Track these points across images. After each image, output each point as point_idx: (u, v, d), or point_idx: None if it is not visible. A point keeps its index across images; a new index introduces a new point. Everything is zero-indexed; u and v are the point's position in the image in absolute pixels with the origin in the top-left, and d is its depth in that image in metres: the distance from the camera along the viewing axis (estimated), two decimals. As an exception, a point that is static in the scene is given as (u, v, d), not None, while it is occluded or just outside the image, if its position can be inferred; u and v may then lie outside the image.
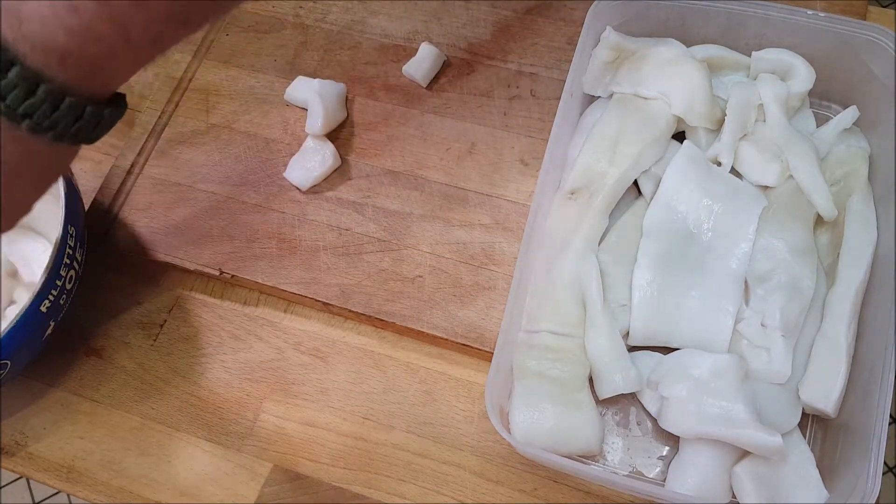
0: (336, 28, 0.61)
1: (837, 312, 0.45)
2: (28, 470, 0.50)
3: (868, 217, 0.47)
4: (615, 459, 0.46)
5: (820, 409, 0.43)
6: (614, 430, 0.46)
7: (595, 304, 0.46)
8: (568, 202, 0.48)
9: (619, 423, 0.46)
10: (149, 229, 0.54)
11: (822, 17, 0.48)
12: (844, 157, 0.49)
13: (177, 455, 0.49)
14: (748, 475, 0.42)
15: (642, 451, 0.46)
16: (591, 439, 0.44)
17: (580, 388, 0.45)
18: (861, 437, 0.41)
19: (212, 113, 0.58)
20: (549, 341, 0.45)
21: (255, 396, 0.50)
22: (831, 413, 0.43)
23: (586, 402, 0.44)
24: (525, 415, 0.43)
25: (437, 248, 0.52)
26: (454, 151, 0.55)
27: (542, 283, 0.47)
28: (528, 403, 0.44)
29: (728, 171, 0.49)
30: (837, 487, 0.41)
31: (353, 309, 0.50)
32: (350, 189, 0.54)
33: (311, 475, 0.48)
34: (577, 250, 0.47)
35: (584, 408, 0.44)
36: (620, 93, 0.51)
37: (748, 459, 0.43)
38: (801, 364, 0.45)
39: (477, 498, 0.46)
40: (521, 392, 0.44)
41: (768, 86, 0.49)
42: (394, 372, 0.50)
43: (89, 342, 0.53)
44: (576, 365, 0.45)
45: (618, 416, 0.47)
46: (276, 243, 0.53)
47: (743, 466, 0.42)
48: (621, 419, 0.47)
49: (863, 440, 0.40)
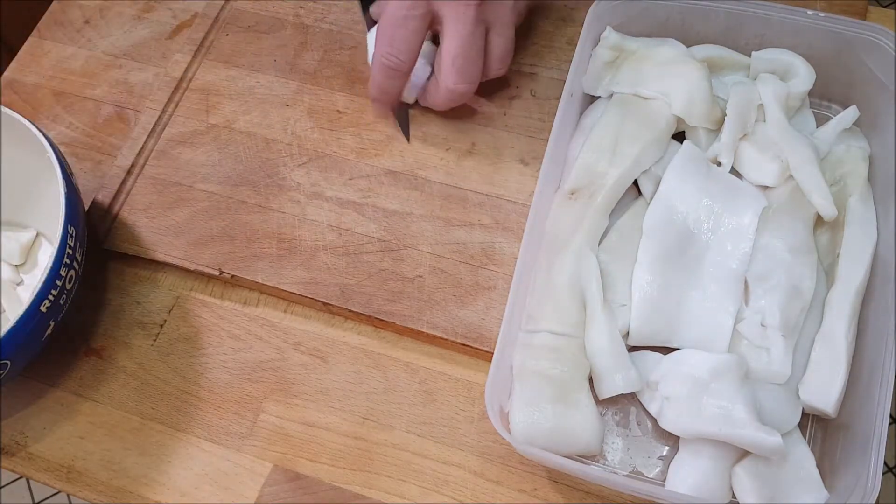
0: (336, 28, 0.61)
1: (837, 312, 0.45)
2: (28, 470, 0.50)
3: (868, 217, 0.47)
4: (615, 459, 0.46)
5: (820, 409, 0.43)
6: (614, 430, 0.46)
7: (595, 303, 0.46)
8: (568, 202, 0.48)
9: (619, 423, 0.47)
10: (149, 229, 0.54)
11: (822, 17, 0.48)
12: (844, 157, 0.49)
13: (177, 455, 0.49)
14: (748, 475, 0.42)
15: (642, 451, 0.46)
16: (591, 439, 0.44)
17: (580, 388, 0.45)
18: (861, 437, 0.41)
19: (212, 113, 0.58)
20: (549, 341, 0.45)
21: (255, 396, 0.50)
22: (831, 413, 0.43)
23: (586, 402, 0.44)
24: (525, 415, 0.43)
25: (437, 248, 0.52)
26: (454, 151, 0.55)
27: (541, 283, 0.47)
28: (527, 403, 0.44)
29: (728, 171, 0.49)
30: (837, 487, 0.41)
31: (353, 309, 0.50)
32: (350, 189, 0.54)
33: (311, 475, 0.48)
34: (577, 250, 0.47)
35: (583, 408, 0.44)
36: (620, 93, 0.51)
37: (748, 459, 0.43)
38: (800, 364, 0.45)
39: (477, 498, 0.46)
40: (520, 392, 0.44)
41: (768, 85, 0.49)
42: (394, 372, 0.50)
43: (89, 342, 0.53)
44: (575, 365, 0.45)
45: (618, 416, 0.47)
46: (276, 243, 0.53)
47: (743, 466, 0.42)
48: (621, 419, 0.47)
49: (863, 440, 0.40)
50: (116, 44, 0.63)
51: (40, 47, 0.64)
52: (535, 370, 0.45)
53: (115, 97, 0.61)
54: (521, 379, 0.45)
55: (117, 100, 0.61)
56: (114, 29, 0.64)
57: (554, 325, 0.46)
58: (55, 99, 0.61)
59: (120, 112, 0.60)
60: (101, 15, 0.65)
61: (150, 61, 0.62)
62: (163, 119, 0.58)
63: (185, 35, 0.62)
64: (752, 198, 0.48)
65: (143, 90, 0.61)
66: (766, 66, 0.50)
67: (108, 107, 0.61)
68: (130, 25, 0.64)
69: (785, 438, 0.42)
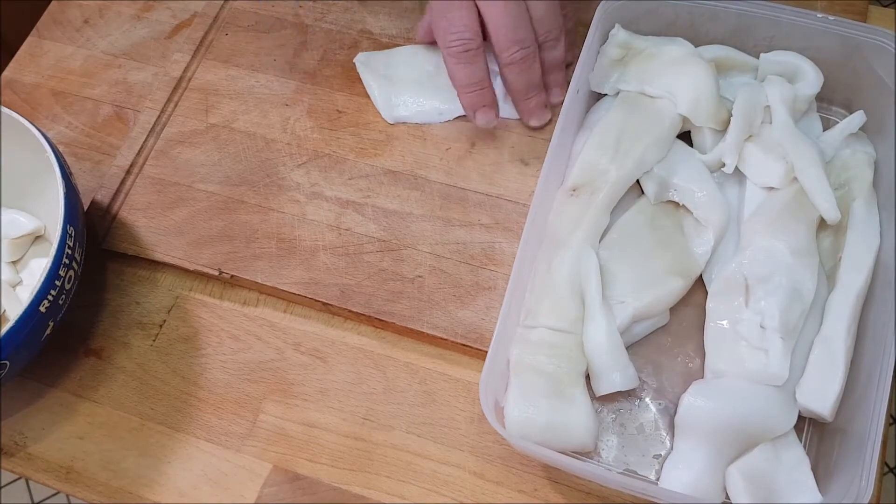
0: (336, 28, 0.61)
1: (837, 316, 0.45)
2: (27, 470, 0.50)
3: (871, 222, 0.47)
4: (609, 457, 0.46)
5: (816, 413, 0.43)
6: (610, 428, 0.46)
7: (594, 301, 0.46)
8: (570, 199, 0.48)
9: (615, 420, 0.47)
10: (148, 229, 0.54)
11: (831, 20, 0.48)
12: (849, 162, 0.49)
13: (176, 455, 0.49)
14: (742, 475, 0.42)
15: (637, 450, 0.46)
16: (586, 436, 0.44)
17: (576, 384, 0.45)
18: (857, 441, 0.41)
19: (211, 113, 0.58)
20: (547, 337, 0.45)
21: (255, 397, 0.50)
22: (828, 417, 0.43)
23: (581, 398, 0.44)
24: (520, 409, 0.43)
25: (436, 248, 0.52)
26: (454, 151, 0.55)
27: (541, 279, 0.47)
28: (523, 398, 0.44)
29: (731, 172, 0.49)
30: (832, 491, 0.41)
31: (352, 309, 0.50)
32: (350, 189, 0.54)
33: (310, 475, 0.48)
34: (577, 247, 0.47)
35: (579, 404, 0.44)
36: (627, 91, 0.51)
37: (743, 460, 0.43)
38: (799, 367, 0.45)
39: (476, 498, 0.46)
40: (516, 387, 0.44)
41: (775, 88, 0.49)
42: (394, 372, 0.50)
43: (88, 342, 0.53)
44: (572, 361, 0.45)
45: (613, 413, 0.47)
46: (276, 243, 0.53)
47: (737, 466, 0.42)
48: (617, 417, 0.47)
49: (858, 445, 0.40)
50: (115, 43, 0.63)
51: (39, 47, 0.64)
52: (531, 365, 0.45)
53: (114, 97, 0.61)
54: (517, 374, 0.45)
55: (116, 99, 0.61)
56: (113, 28, 0.64)
57: (552, 320, 0.46)
58: (54, 99, 0.61)
59: (119, 112, 0.60)
60: (100, 14, 0.65)
61: (150, 61, 0.62)
62: (162, 119, 0.58)
63: (184, 35, 0.62)
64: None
65: (143, 90, 0.61)
66: (775, 69, 0.50)
67: (108, 106, 0.61)
68: (129, 25, 0.64)
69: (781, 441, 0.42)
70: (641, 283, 0.47)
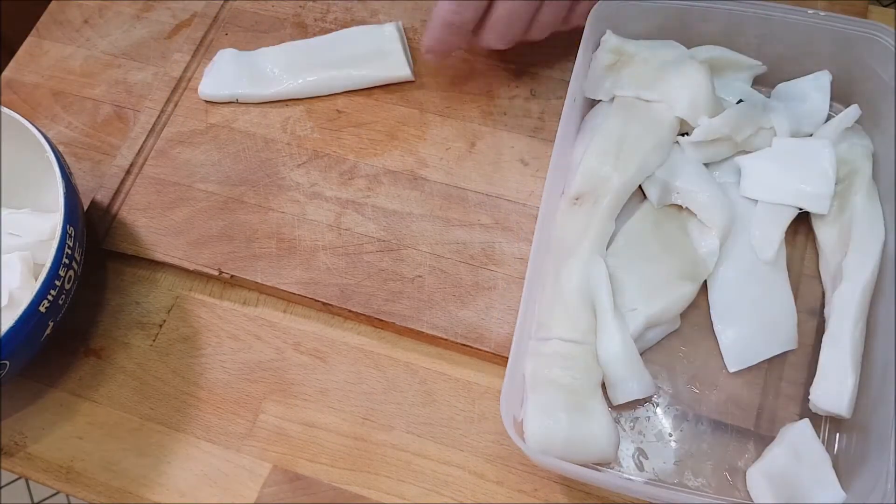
0: (336, 28, 0.61)
1: (842, 313, 0.44)
2: (27, 470, 0.50)
3: (874, 214, 0.46)
4: (630, 466, 0.45)
5: (833, 412, 0.43)
6: (628, 436, 0.46)
7: (606, 310, 0.45)
8: (573, 208, 0.48)
9: (633, 428, 0.46)
10: (148, 229, 0.54)
11: (822, 15, 0.48)
12: (847, 156, 0.48)
13: (176, 456, 0.49)
14: (764, 476, 0.42)
15: (658, 457, 0.45)
16: (607, 447, 0.43)
17: (593, 395, 0.44)
18: (878, 437, 0.40)
19: (211, 112, 0.58)
20: (560, 348, 0.45)
21: (255, 396, 0.50)
22: (845, 414, 0.43)
23: (600, 409, 0.43)
24: (539, 424, 0.42)
25: (436, 247, 0.52)
26: (454, 151, 0.55)
27: (550, 290, 0.46)
28: (542, 412, 0.43)
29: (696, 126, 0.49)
30: (855, 487, 0.41)
31: (352, 309, 0.50)
32: (350, 189, 0.54)
33: (310, 475, 0.48)
34: (584, 256, 0.46)
35: (598, 415, 0.43)
36: (622, 96, 0.51)
37: (763, 460, 0.42)
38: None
39: (476, 498, 0.46)
40: (534, 401, 0.43)
41: (782, 116, 0.49)
42: (393, 372, 0.50)
43: (88, 342, 0.53)
44: (588, 372, 0.44)
45: (631, 422, 0.46)
46: (276, 243, 0.53)
47: (758, 468, 0.42)
48: (634, 425, 0.46)
49: (879, 440, 0.40)
50: (115, 43, 0.63)
51: (39, 47, 0.64)
52: (547, 378, 0.44)
53: (114, 97, 0.61)
54: (533, 388, 0.44)
55: (116, 99, 0.61)
56: (113, 28, 0.64)
57: (564, 332, 0.45)
58: (54, 99, 0.61)
59: (119, 112, 0.60)
60: (99, 14, 0.65)
61: (150, 61, 0.62)
62: (162, 119, 0.58)
63: (184, 35, 0.62)
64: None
65: (143, 90, 0.61)
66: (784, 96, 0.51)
67: (107, 106, 0.61)
68: (129, 25, 0.64)
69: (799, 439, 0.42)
70: (651, 289, 0.47)
